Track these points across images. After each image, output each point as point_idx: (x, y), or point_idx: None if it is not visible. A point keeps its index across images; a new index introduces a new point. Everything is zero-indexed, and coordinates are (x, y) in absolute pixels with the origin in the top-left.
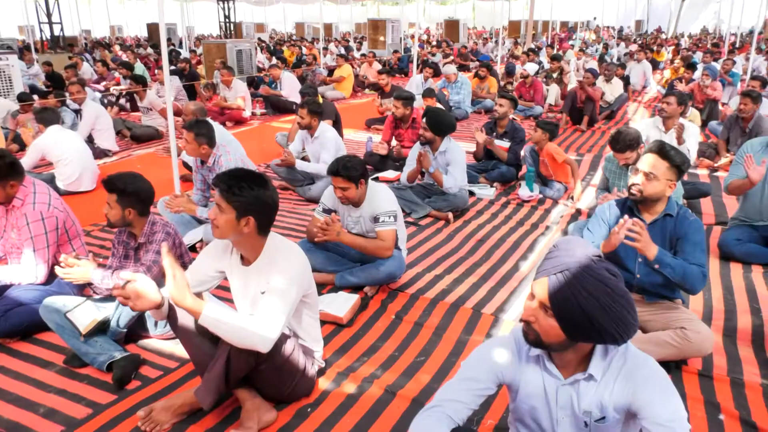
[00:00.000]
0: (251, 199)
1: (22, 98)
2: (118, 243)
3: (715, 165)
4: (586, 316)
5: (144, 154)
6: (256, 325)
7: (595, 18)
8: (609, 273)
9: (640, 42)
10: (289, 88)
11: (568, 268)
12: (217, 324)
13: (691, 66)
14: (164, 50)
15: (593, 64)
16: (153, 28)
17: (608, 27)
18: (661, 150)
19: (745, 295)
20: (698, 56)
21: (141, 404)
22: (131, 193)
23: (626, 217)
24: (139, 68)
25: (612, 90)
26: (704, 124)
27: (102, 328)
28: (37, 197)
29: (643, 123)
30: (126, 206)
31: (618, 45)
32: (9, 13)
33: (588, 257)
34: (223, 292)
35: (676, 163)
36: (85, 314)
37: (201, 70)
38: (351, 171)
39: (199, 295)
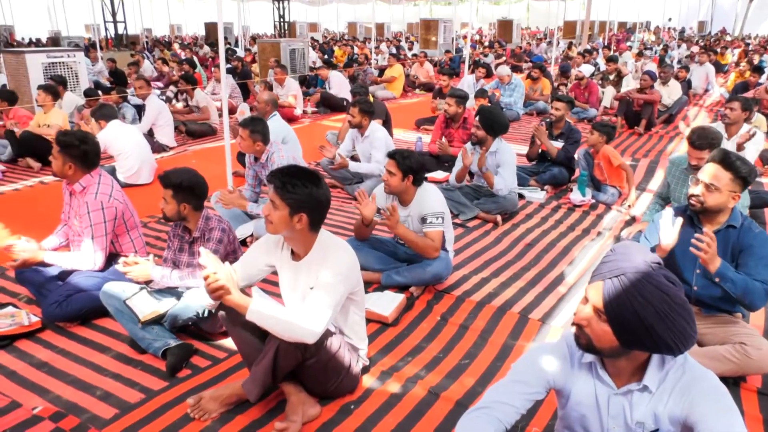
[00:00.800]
0: (304, 197)
1: (87, 94)
2: (174, 236)
3: None
4: (641, 324)
5: (199, 149)
6: (303, 318)
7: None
8: (668, 280)
9: (702, 44)
10: (338, 86)
11: (624, 273)
12: (263, 318)
13: (757, 69)
14: (221, 49)
15: (652, 67)
16: (210, 27)
17: (669, 28)
18: (725, 160)
19: None
20: (766, 59)
21: (191, 392)
22: (186, 188)
23: (679, 219)
24: (198, 67)
25: (669, 93)
26: None
27: (159, 318)
28: (101, 188)
29: None
30: (181, 201)
31: (679, 47)
32: (77, 12)
33: (647, 263)
34: (269, 286)
35: (742, 174)
36: (144, 303)
37: (255, 68)
38: (405, 160)
39: (244, 291)
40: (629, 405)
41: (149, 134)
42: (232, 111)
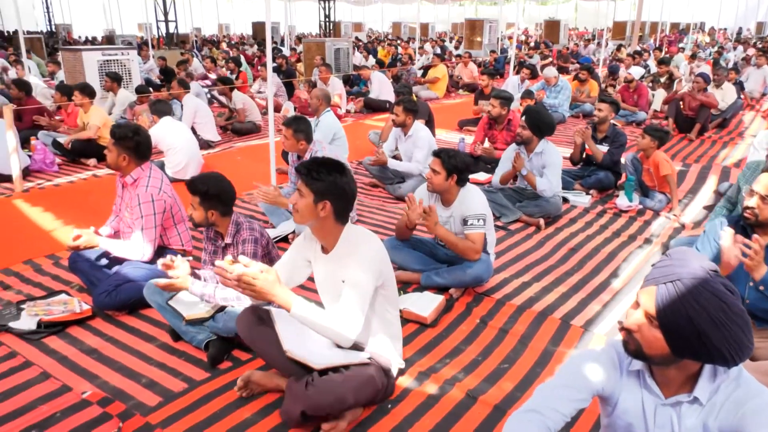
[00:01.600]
0: (328, 184)
1: (139, 90)
2: (207, 240)
3: None
4: (695, 331)
5: (244, 146)
6: (337, 323)
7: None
8: (726, 288)
9: (760, 45)
10: (379, 87)
11: (680, 279)
12: (305, 319)
13: None
14: (269, 48)
15: (706, 69)
16: (258, 27)
17: (724, 29)
18: None
19: None
20: None
21: (232, 384)
22: (213, 195)
23: (728, 229)
24: (243, 66)
25: (723, 96)
26: None
27: (203, 321)
28: (151, 181)
29: (762, 134)
30: (209, 208)
31: (735, 48)
32: (131, 11)
33: (704, 269)
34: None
35: None
36: (186, 302)
37: (300, 67)
38: (450, 159)
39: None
40: (677, 417)
41: (192, 131)
42: (277, 109)
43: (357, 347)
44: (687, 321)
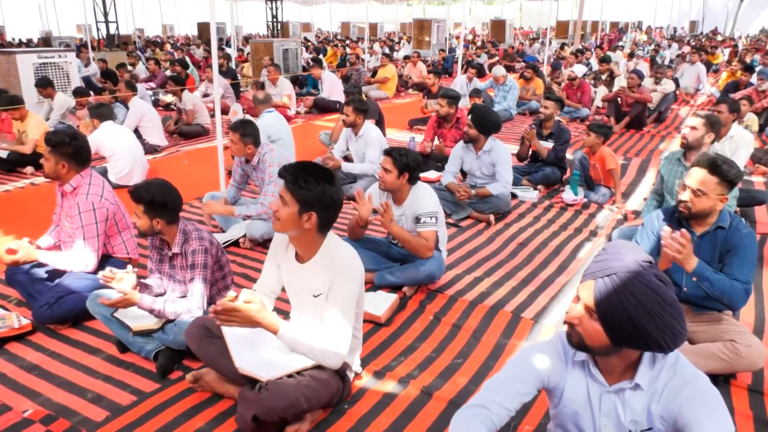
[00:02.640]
0: (317, 194)
1: (77, 92)
2: (153, 248)
3: None
4: (632, 322)
5: (192, 150)
6: (327, 342)
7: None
8: (658, 279)
9: (693, 43)
10: (330, 87)
11: (616, 273)
12: (292, 342)
13: (748, 68)
14: (214, 49)
15: (643, 66)
16: (203, 27)
17: (660, 28)
18: (712, 165)
19: None
20: (758, 58)
21: (184, 393)
22: (158, 203)
23: (666, 228)
24: (190, 67)
25: (664, 91)
26: (762, 129)
27: (151, 332)
28: (91, 188)
29: None
30: (154, 216)
31: (670, 46)
32: (68, 12)
33: (637, 262)
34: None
35: (729, 177)
36: (132, 313)
37: (247, 68)
38: (401, 157)
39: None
40: (621, 403)
41: (137, 135)
42: (225, 111)
43: None
44: (624, 313)
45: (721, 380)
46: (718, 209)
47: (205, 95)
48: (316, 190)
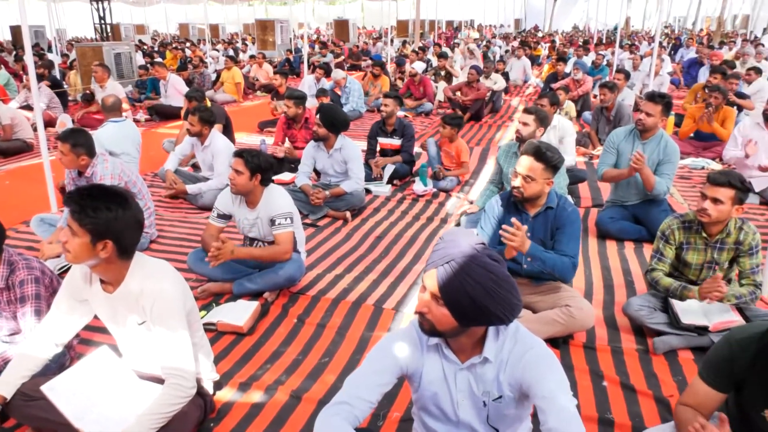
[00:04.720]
0: (108, 221)
1: None
2: None
3: (592, 153)
4: (473, 302)
5: (13, 168)
6: (174, 392)
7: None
8: (491, 259)
9: (519, 39)
10: (175, 91)
11: (454, 259)
12: (150, 424)
13: (561, 59)
14: (29, 55)
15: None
16: (17, 31)
17: (490, 25)
18: (537, 152)
19: (621, 271)
20: (572, 52)
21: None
22: None
23: (514, 219)
24: (3, 76)
25: (495, 84)
26: (579, 115)
27: None
28: None
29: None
30: None
31: (499, 44)
32: None
33: (472, 247)
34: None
35: (553, 163)
36: None
37: (74, 76)
38: (253, 158)
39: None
40: (474, 377)
41: None
42: (51, 123)
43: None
44: (465, 294)
45: (561, 342)
46: (546, 192)
47: (28, 107)
48: (107, 217)
